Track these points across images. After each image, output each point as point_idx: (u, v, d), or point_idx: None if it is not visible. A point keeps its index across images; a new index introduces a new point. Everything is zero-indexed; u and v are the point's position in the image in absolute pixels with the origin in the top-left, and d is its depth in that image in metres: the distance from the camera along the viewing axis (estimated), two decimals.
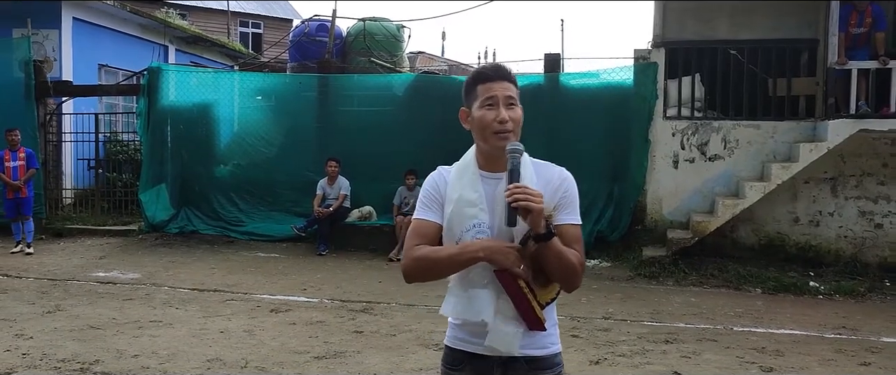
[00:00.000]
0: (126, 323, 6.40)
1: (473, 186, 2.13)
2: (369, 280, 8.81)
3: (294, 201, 11.52)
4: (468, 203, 2.11)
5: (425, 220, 2.17)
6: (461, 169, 2.19)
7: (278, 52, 16.65)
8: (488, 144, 2.12)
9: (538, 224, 1.96)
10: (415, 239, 2.15)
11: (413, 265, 2.13)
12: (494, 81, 2.13)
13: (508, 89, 2.13)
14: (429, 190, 2.22)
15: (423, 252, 2.11)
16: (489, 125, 2.10)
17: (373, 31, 13.23)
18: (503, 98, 2.11)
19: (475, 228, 2.09)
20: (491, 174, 2.15)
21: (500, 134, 2.09)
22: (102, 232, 11.73)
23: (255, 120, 12.49)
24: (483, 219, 2.10)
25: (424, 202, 2.20)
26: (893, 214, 9.57)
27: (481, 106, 2.12)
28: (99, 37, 15.33)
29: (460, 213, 2.12)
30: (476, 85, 2.16)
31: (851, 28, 9.05)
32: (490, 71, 2.18)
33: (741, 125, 9.81)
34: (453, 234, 2.13)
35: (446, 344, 2.26)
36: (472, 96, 2.17)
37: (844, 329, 6.79)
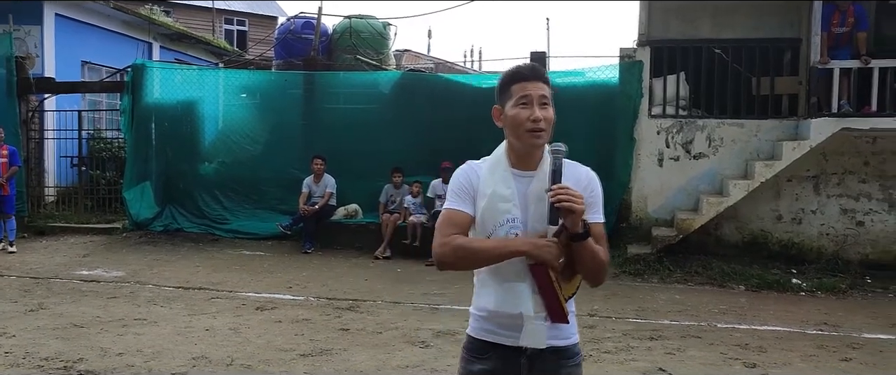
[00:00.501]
0: (110, 321, 6.36)
1: (506, 183, 2.20)
2: (355, 278, 8.81)
3: (279, 199, 11.48)
4: (502, 198, 2.18)
5: (458, 211, 2.22)
6: (493, 165, 2.25)
7: (263, 49, 16.57)
8: (521, 142, 2.19)
9: (577, 224, 2.06)
10: (450, 228, 2.19)
11: (452, 253, 2.16)
12: (529, 81, 2.19)
13: (542, 89, 2.19)
14: (461, 181, 2.26)
15: (463, 241, 2.16)
16: (523, 123, 2.16)
17: (359, 29, 13.21)
18: (537, 97, 2.17)
19: (509, 223, 2.16)
20: (522, 172, 2.21)
21: (534, 132, 2.16)
22: (86, 231, 11.64)
23: (240, 117, 12.43)
24: (516, 215, 2.17)
25: (456, 193, 2.25)
26: (874, 212, 9.68)
27: (516, 104, 2.18)
28: (82, 33, 15.19)
29: (494, 208, 2.18)
30: (511, 84, 2.21)
31: (834, 27, 9.14)
32: (526, 71, 2.23)
33: (725, 123, 9.88)
34: (486, 228, 2.19)
35: (470, 335, 2.30)
36: (507, 95, 2.22)
37: (826, 326, 6.87)
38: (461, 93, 11.34)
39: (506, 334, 2.20)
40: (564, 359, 2.23)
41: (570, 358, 2.25)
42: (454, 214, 2.22)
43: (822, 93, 9.17)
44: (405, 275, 9.04)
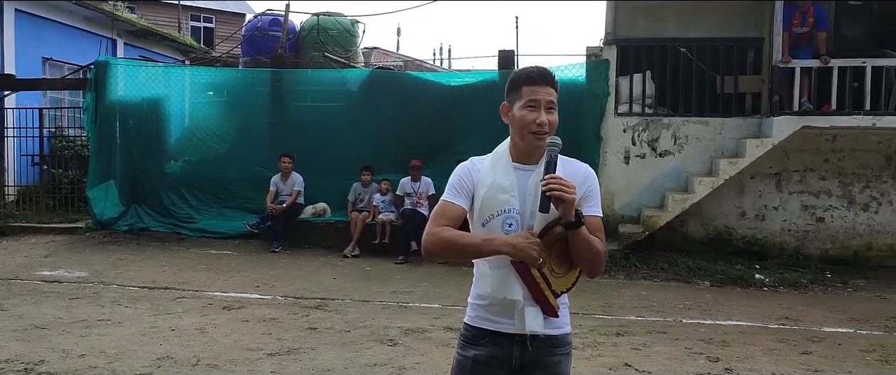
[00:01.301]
0: (73, 323, 6.26)
1: (506, 175, 2.31)
2: (324, 276, 8.77)
3: (247, 197, 11.37)
4: (501, 189, 2.29)
5: (453, 204, 2.34)
6: (495, 158, 2.37)
7: (230, 46, 16.40)
8: (525, 142, 2.31)
9: (569, 213, 2.15)
10: (441, 220, 2.31)
11: (439, 244, 2.27)
12: (539, 85, 2.30)
13: (551, 94, 2.30)
14: (460, 176, 2.38)
15: (451, 234, 2.27)
16: (528, 125, 2.28)
17: (327, 26, 13.15)
18: (545, 102, 2.28)
19: (505, 213, 2.28)
20: (524, 166, 2.33)
21: (538, 134, 2.27)
22: (47, 230, 11.41)
23: (206, 115, 12.28)
24: (513, 205, 2.28)
25: (455, 186, 2.36)
26: (834, 208, 9.89)
27: (524, 106, 2.29)
28: (43, 29, 14.90)
29: (492, 198, 2.30)
30: (522, 85, 2.32)
31: (794, 27, 9.32)
32: (537, 75, 2.32)
33: (690, 121, 10.03)
34: (483, 216, 2.31)
35: (466, 323, 2.41)
36: (516, 95, 2.33)
37: (787, 320, 7.01)
38: (430, 91, 11.35)
39: (501, 321, 2.31)
40: (555, 347, 2.34)
41: (560, 347, 2.36)
42: (448, 207, 2.33)
43: (784, 92, 9.35)
44: (374, 274, 9.02)
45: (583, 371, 5.21)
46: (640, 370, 5.28)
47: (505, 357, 2.32)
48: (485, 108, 10.13)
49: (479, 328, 2.36)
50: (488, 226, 2.30)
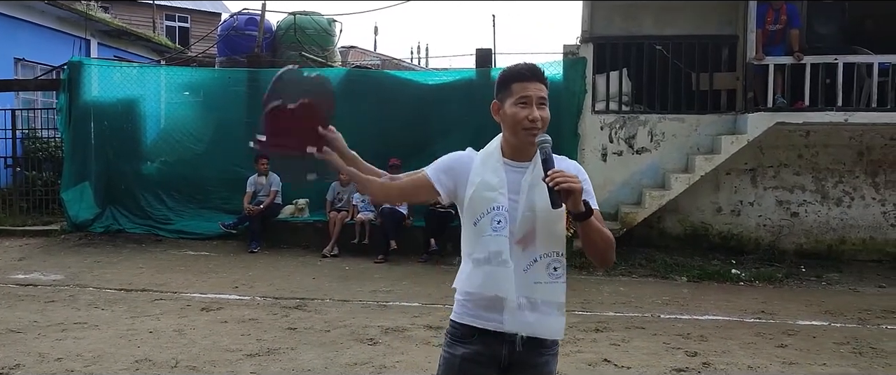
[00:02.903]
0: (48, 326, 6.18)
1: (496, 172, 2.31)
2: (303, 276, 8.73)
3: (224, 198, 11.28)
4: (489, 187, 2.29)
5: (424, 172, 2.41)
6: (485, 156, 2.37)
7: (206, 46, 16.28)
8: (517, 139, 2.31)
9: (578, 204, 2.14)
10: (404, 177, 2.49)
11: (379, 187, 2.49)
12: (530, 81, 2.30)
13: (541, 90, 2.31)
14: (450, 158, 2.43)
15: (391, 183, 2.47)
16: (521, 122, 2.27)
17: (303, 25, 13.08)
18: (536, 98, 2.29)
19: (494, 211, 2.27)
20: (515, 164, 2.33)
21: (530, 131, 2.27)
22: (21, 233, 11.25)
23: (182, 115, 12.16)
24: (502, 203, 2.27)
25: (443, 167, 2.40)
26: (808, 203, 10.03)
27: (515, 103, 2.29)
28: (15, 29, 14.70)
29: (481, 196, 2.30)
30: (512, 82, 2.32)
31: (768, 25, 9.44)
32: (527, 71, 2.33)
33: (666, 119, 10.11)
34: (474, 215, 2.31)
35: (453, 320, 2.39)
36: (507, 92, 2.33)
37: (763, 314, 7.10)
38: (408, 90, 11.34)
39: (488, 317, 2.29)
40: (544, 348, 2.33)
41: (548, 348, 2.34)
42: (418, 173, 2.42)
43: (758, 89, 9.47)
44: (353, 273, 9.00)
45: (562, 367, 5.23)
46: (619, 365, 5.33)
47: (493, 356, 2.30)
48: (463, 106, 10.15)
49: (467, 325, 2.34)
50: (479, 225, 2.29)
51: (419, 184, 2.40)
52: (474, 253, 2.31)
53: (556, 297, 2.31)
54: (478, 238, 2.30)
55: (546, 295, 2.29)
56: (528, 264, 2.27)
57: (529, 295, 2.26)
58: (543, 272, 2.28)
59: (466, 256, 2.36)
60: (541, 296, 2.28)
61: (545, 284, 2.28)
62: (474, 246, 2.31)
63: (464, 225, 2.38)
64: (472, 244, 2.33)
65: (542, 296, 2.28)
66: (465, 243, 2.39)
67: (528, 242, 2.28)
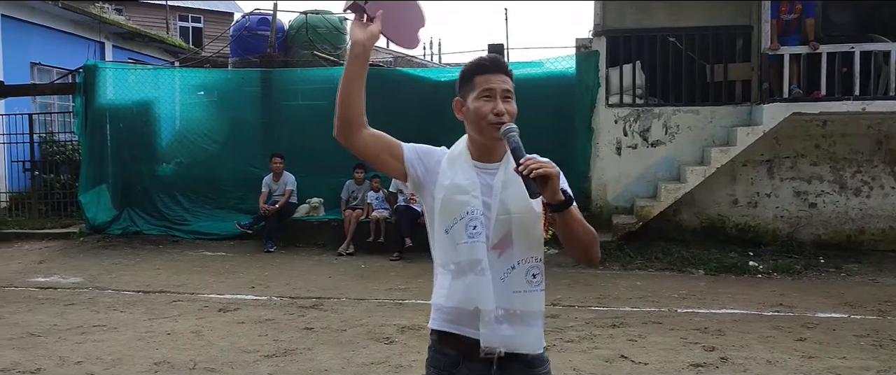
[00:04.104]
0: (68, 329, 6.25)
1: (466, 174, 2.13)
2: (318, 275, 8.77)
3: (240, 198, 11.36)
4: (460, 190, 2.11)
5: (400, 143, 2.20)
6: (453, 157, 2.18)
7: (220, 46, 16.35)
8: (483, 136, 2.13)
9: (557, 190, 1.97)
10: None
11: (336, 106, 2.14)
12: (492, 73, 2.14)
13: (506, 82, 2.14)
14: (429, 148, 2.22)
15: None
16: (485, 116, 2.10)
17: (315, 24, 13.11)
18: (501, 91, 2.12)
19: (468, 216, 2.10)
20: (484, 165, 2.16)
21: (497, 126, 2.09)
22: (41, 236, 11.38)
23: (197, 116, 12.26)
24: (476, 206, 2.10)
25: (417, 145, 2.21)
26: (826, 193, 9.93)
27: (478, 97, 2.13)
28: (31, 34, 14.84)
29: (452, 201, 2.12)
30: (474, 76, 2.16)
31: (783, 14, 9.34)
32: (488, 62, 2.18)
33: (681, 111, 10.04)
34: (445, 222, 2.12)
35: (434, 328, 2.21)
36: (469, 87, 2.17)
37: (782, 307, 7.04)
38: (420, 87, 11.34)
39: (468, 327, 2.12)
40: (533, 368, 2.17)
41: (538, 366, 2.18)
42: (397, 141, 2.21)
43: (773, 79, 9.38)
44: (369, 271, 9.02)
45: (579, 364, 5.23)
46: (636, 361, 5.30)
47: None
48: None
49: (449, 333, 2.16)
50: (452, 232, 2.11)
51: (392, 149, 2.18)
52: (449, 262, 2.13)
53: (534, 306, 2.14)
54: (452, 246, 2.11)
55: (525, 304, 2.12)
56: (505, 271, 2.11)
57: (507, 306, 2.10)
58: (522, 279, 2.11)
59: (441, 267, 2.17)
60: (519, 306, 2.11)
61: (524, 293, 2.12)
62: (449, 256, 2.13)
63: (435, 233, 2.18)
64: (446, 253, 2.14)
65: (520, 306, 2.11)
66: (437, 253, 2.18)
67: (505, 247, 2.11)
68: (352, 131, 2.13)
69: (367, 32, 2.12)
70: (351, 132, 2.13)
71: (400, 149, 2.19)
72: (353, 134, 2.13)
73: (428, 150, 2.22)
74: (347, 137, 2.14)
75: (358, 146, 2.16)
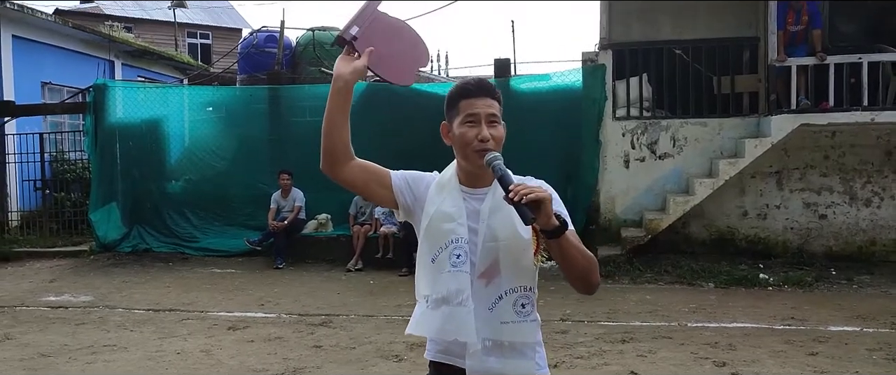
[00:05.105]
0: (79, 349, 6.27)
1: (453, 201, 2.10)
2: (328, 292, 8.77)
3: (249, 215, 11.41)
4: (446, 217, 2.08)
5: (388, 172, 2.19)
6: (441, 184, 2.15)
7: (228, 63, 16.46)
8: (469, 162, 2.10)
9: (551, 216, 1.88)
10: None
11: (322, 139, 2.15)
12: (477, 97, 2.10)
13: (491, 106, 2.09)
14: (418, 175, 2.20)
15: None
16: (470, 143, 2.07)
17: (322, 41, 13.17)
18: (485, 115, 2.08)
19: (453, 244, 2.05)
20: (472, 190, 2.12)
21: (481, 152, 2.04)
22: (52, 255, 11.45)
23: (205, 134, 12.33)
24: (461, 234, 2.06)
25: (405, 172, 2.20)
26: (836, 204, 9.87)
27: (463, 122, 2.09)
28: (41, 54, 14.98)
29: (437, 229, 2.08)
30: (458, 100, 2.13)
31: (789, 26, 9.33)
32: (473, 86, 2.13)
33: (689, 123, 10.02)
34: (432, 251, 2.09)
35: (430, 360, 2.19)
36: (454, 112, 2.13)
37: (793, 320, 6.99)
38: (427, 102, 11.33)
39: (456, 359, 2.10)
40: None
41: None
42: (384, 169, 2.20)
43: (781, 90, 9.36)
44: (378, 287, 9.02)
45: None
46: None
47: None
48: None
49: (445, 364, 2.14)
50: (437, 261, 2.07)
51: (380, 178, 2.17)
52: (432, 293, 2.07)
53: (525, 338, 2.07)
54: (436, 275, 2.06)
55: (514, 335, 2.05)
56: (492, 302, 2.05)
57: (495, 338, 2.04)
58: (510, 310, 2.04)
59: (421, 296, 2.12)
60: (508, 338, 2.05)
61: (513, 324, 2.04)
62: (432, 286, 2.07)
63: (420, 261, 2.14)
64: (429, 283, 2.09)
65: (509, 338, 2.05)
66: (420, 282, 2.14)
67: (492, 276, 2.05)
68: (338, 164, 2.13)
69: (351, 67, 2.12)
70: (337, 165, 2.13)
71: (388, 178, 2.17)
72: (339, 167, 2.13)
73: (417, 177, 2.20)
74: (334, 170, 2.14)
75: (345, 178, 2.16)
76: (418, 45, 2.28)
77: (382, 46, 2.17)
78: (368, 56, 2.13)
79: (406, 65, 2.27)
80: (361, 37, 2.14)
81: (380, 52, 2.16)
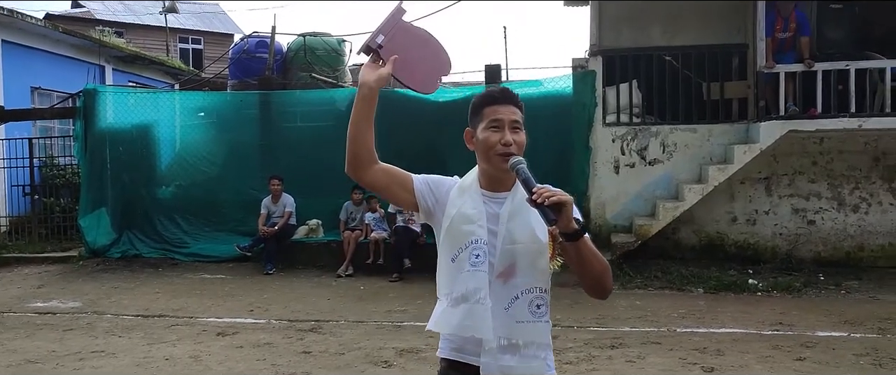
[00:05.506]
0: (66, 355, 6.24)
1: (474, 204, 2.18)
2: (317, 297, 8.76)
3: (239, 220, 11.37)
4: (466, 219, 2.16)
5: (410, 175, 2.26)
6: (462, 187, 2.24)
7: (220, 68, 16.43)
8: (491, 166, 2.18)
9: (571, 219, 1.97)
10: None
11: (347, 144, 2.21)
12: (501, 104, 2.20)
13: (514, 113, 2.19)
14: (439, 179, 2.28)
15: None
16: (493, 147, 2.15)
17: (313, 46, 13.18)
18: (509, 122, 2.17)
19: (472, 245, 2.14)
20: (493, 194, 2.21)
21: (504, 157, 2.13)
22: (40, 260, 11.38)
23: (196, 139, 12.31)
24: (481, 236, 2.14)
25: (427, 176, 2.28)
26: (824, 210, 9.93)
27: (487, 128, 2.18)
28: (31, 58, 14.91)
29: (458, 230, 2.16)
30: (483, 107, 2.22)
31: (777, 33, 9.39)
32: (497, 94, 2.23)
33: (678, 129, 10.06)
34: (452, 251, 2.18)
35: (442, 357, 2.25)
36: (478, 118, 2.22)
37: (781, 326, 7.02)
38: (418, 108, 11.36)
39: (471, 352, 2.17)
40: None
41: None
42: (407, 173, 2.27)
43: (769, 97, 9.42)
44: (368, 293, 9.01)
45: None
46: None
47: None
48: None
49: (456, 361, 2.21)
50: (457, 261, 2.15)
51: (403, 182, 2.24)
52: (452, 291, 2.16)
53: (539, 338, 2.16)
54: (456, 274, 2.15)
55: (528, 335, 2.14)
56: (509, 301, 2.13)
57: (510, 336, 2.13)
58: (525, 310, 2.13)
59: (442, 295, 2.21)
60: (522, 337, 2.14)
61: (527, 324, 2.14)
62: (452, 284, 2.17)
63: (441, 261, 2.23)
64: (448, 281, 2.19)
65: (523, 337, 2.14)
66: (441, 280, 2.23)
67: (509, 277, 2.14)
68: (362, 168, 2.21)
69: (375, 75, 2.19)
70: (361, 168, 2.21)
71: (410, 182, 2.25)
72: (364, 170, 2.21)
73: (438, 180, 2.28)
74: (358, 173, 2.22)
75: (368, 181, 2.24)
76: (441, 54, 2.36)
77: (407, 54, 2.24)
78: (393, 64, 2.21)
79: (429, 74, 2.35)
80: (387, 45, 2.22)
81: (404, 60, 2.23)
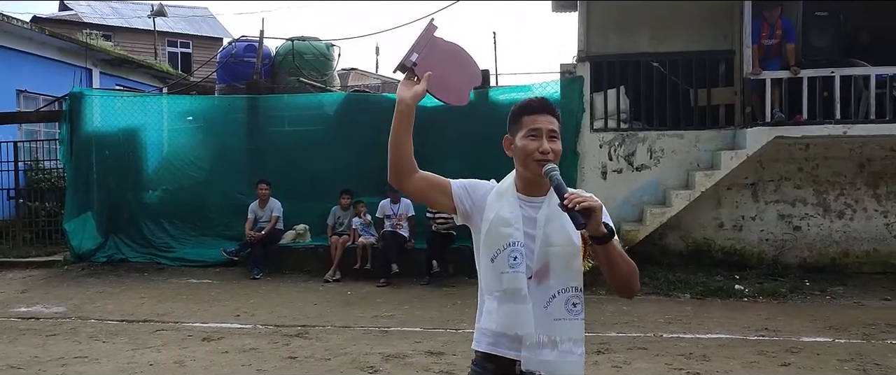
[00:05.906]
0: (49, 361, 6.18)
1: (511, 208, 2.30)
2: (304, 302, 8.72)
3: (226, 225, 11.32)
4: (504, 222, 2.28)
5: (448, 180, 2.38)
6: (500, 191, 2.36)
7: (208, 71, 16.37)
8: (529, 171, 2.30)
9: (600, 223, 2.10)
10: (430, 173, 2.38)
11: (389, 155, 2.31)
12: (540, 114, 2.32)
13: (552, 123, 2.32)
14: (476, 183, 2.40)
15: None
16: (531, 154, 2.28)
17: (302, 51, 13.16)
18: (547, 131, 2.30)
19: (510, 247, 2.26)
20: (528, 199, 2.32)
21: (540, 163, 2.26)
22: (25, 265, 11.28)
23: (183, 143, 12.25)
24: (518, 238, 2.26)
25: (466, 184, 2.39)
26: (810, 216, 9.99)
27: (525, 136, 2.31)
28: (16, 61, 14.82)
29: (496, 233, 2.28)
30: (522, 116, 2.34)
31: (763, 40, 9.46)
32: (537, 104, 2.35)
33: (665, 135, 10.10)
34: (490, 252, 2.29)
35: (477, 350, 2.36)
36: (517, 126, 2.35)
37: (767, 331, 7.05)
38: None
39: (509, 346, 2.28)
40: None
41: None
42: (444, 179, 2.38)
43: (756, 103, 9.47)
44: (355, 298, 8.98)
45: None
46: None
47: None
48: (461, 128, 10.17)
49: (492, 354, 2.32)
50: (496, 262, 2.27)
51: (441, 187, 2.37)
52: (494, 290, 2.29)
53: (575, 334, 2.28)
54: (496, 275, 2.28)
55: (565, 332, 2.27)
56: (546, 300, 2.26)
57: (549, 333, 2.25)
58: (562, 308, 2.26)
59: (486, 293, 2.35)
60: (560, 334, 2.26)
61: (565, 321, 2.26)
62: (493, 284, 2.30)
63: (481, 261, 2.36)
64: (490, 281, 2.31)
65: (561, 334, 2.26)
66: (483, 280, 2.37)
67: (544, 277, 2.26)
68: (404, 177, 2.32)
69: (411, 92, 2.31)
70: (404, 177, 2.33)
71: (448, 187, 2.37)
72: (405, 179, 2.33)
73: (475, 184, 2.40)
74: (400, 182, 2.33)
75: (410, 188, 2.35)
76: (471, 65, 2.46)
77: (439, 69, 2.36)
78: (427, 80, 2.32)
79: (461, 86, 2.45)
80: (420, 62, 2.33)
81: (437, 76, 2.34)
